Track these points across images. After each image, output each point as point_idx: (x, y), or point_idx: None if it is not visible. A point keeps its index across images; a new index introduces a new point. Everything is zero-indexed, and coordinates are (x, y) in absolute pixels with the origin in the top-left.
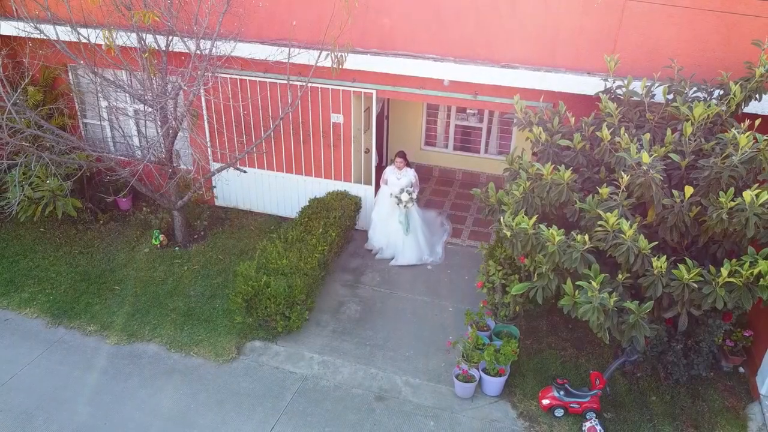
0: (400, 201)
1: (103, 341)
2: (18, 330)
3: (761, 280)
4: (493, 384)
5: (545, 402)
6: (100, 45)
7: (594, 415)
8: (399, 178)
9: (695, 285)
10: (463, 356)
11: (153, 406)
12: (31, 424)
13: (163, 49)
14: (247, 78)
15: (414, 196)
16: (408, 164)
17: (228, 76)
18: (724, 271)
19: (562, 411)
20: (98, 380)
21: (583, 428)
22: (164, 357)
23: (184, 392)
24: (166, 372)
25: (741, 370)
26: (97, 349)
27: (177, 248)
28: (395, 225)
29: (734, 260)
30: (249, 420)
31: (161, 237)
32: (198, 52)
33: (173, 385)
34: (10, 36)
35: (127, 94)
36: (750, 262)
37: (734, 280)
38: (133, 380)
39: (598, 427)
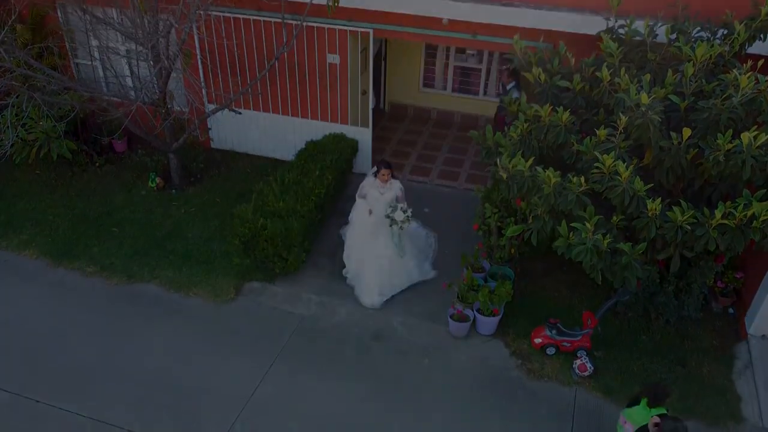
0: (393, 221)
1: (103, 282)
2: (18, 271)
3: (754, 221)
4: (487, 324)
5: (537, 341)
6: None
7: (585, 353)
8: (382, 193)
9: (689, 227)
10: (458, 297)
11: (153, 345)
12: (33, 364)
13: None
14: (241, 16)
15: (410, 213)
16: (393, 176)
17: (221, 14)
18: (718, 213)
19: (554, 349)
20: (99, 320)
21: (574, 365)
22: (164, 298)
23: (184, 332)
24: (165, 312)
25: (730, 311)
26: (97, 290)
27: (174, 191)
28: (381, 249)
29: (729, 202)
30: (248, 358)
31: (158, 180)
32: None
33: (173, 325)
34: None
35: (118, 33)
36: (744, 204)
37: (727, 222)
38: (133, 320)
39: (588, 364)
